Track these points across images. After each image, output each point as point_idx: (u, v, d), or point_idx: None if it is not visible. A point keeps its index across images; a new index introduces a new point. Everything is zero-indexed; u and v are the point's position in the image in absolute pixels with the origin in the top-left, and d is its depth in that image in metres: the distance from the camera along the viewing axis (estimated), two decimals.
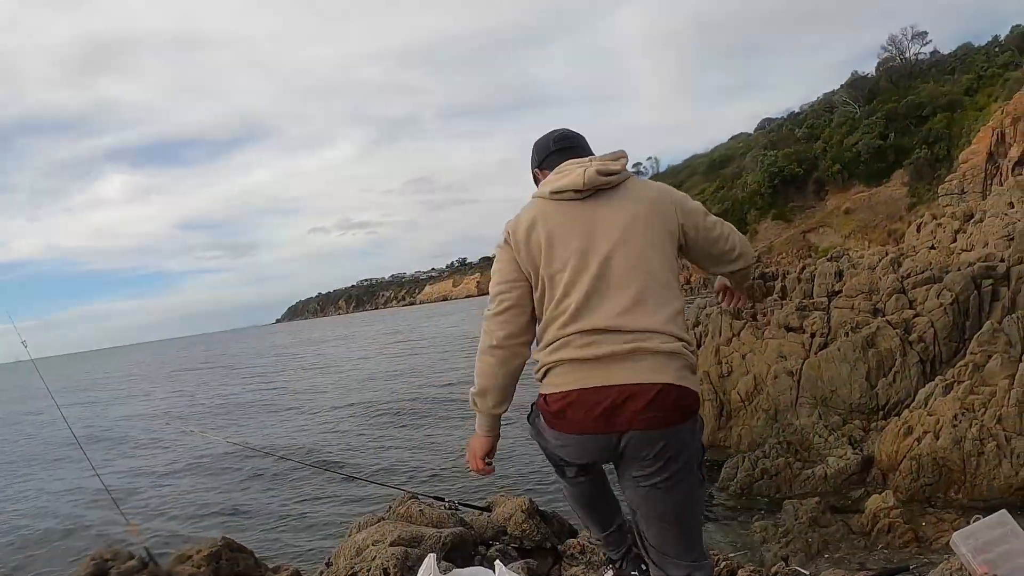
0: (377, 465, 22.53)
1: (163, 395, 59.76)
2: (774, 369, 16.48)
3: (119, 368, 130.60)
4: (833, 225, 67.20)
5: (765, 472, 13.75)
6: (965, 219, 24.21)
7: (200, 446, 27.80)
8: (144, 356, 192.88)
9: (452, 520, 6.30)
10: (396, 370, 50.92)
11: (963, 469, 11.59)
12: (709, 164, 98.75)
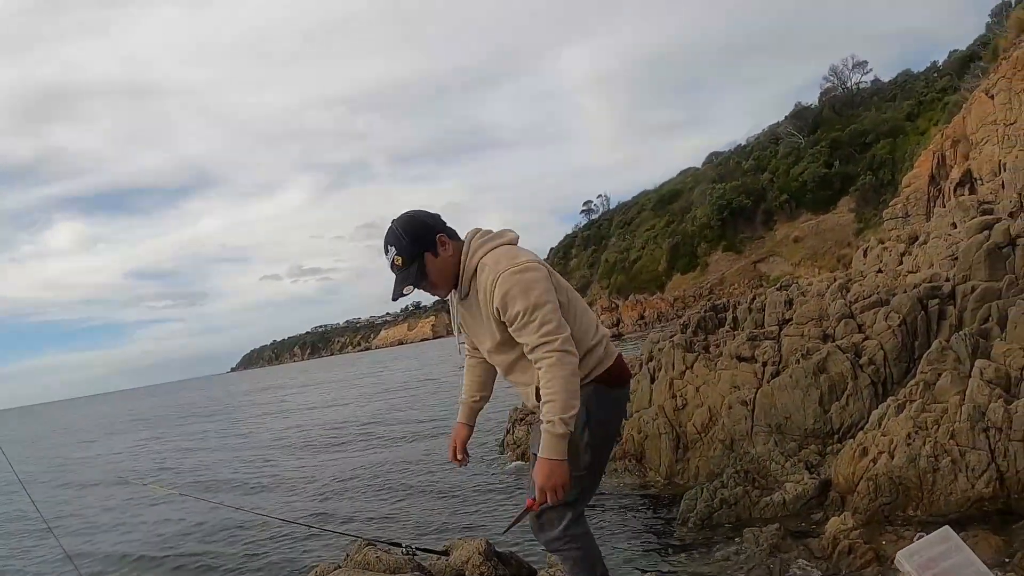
0: (336, 513, 22.40)
1: (116, 449, 59.22)
2: (728, 399, 16.55)
3: (74, 422, 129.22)
4: (783, 254, 68.03)
5: (724, 502, 13.77)
6: (910, 242, 24.44)
7: (154, 499, 27.52)
8: (100, 408, 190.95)
9: (409, 566, 6.30)
10: (357, 417, 50.80)
11: (920, 486, 11.67)
12: (658, 199, 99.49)
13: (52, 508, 29.82)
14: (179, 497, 23.48)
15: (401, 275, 3.55)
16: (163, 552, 21.49)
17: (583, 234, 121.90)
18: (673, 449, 17.23)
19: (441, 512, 19.70)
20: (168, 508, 26.37)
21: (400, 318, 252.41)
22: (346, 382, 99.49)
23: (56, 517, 27.56)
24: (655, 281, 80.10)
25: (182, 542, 22.10)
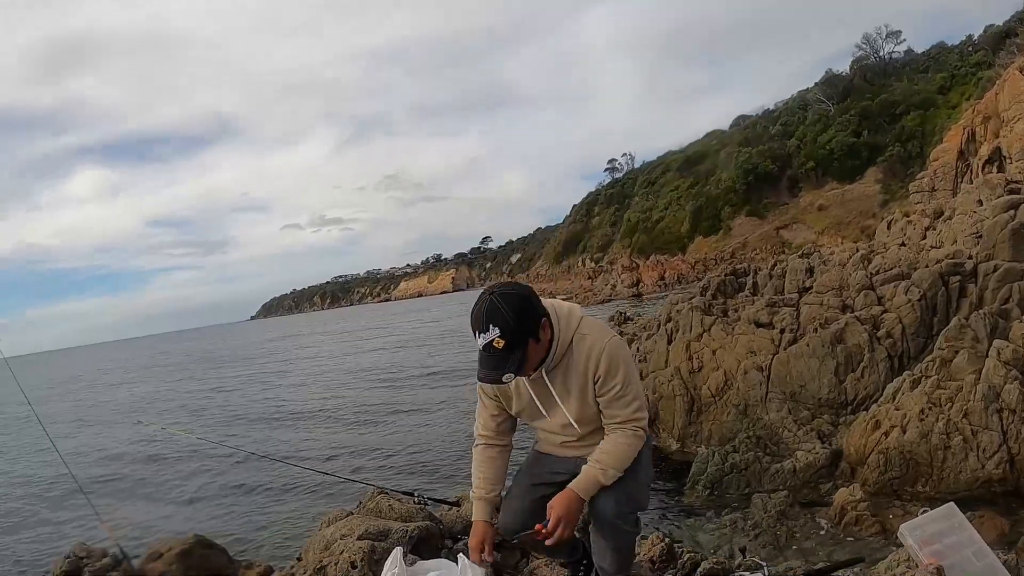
0: (349, 459, 22.55)
1: (135, 393, 59.49)
2: (744, 365, 16.56)
3: (94, 365, 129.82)
4: (806, 222, 67.58)
5: (735, 467, 13.82)
6: (935, 216, 24.30)
7: (173, 443, 27.73)
8: (118, 353, 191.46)
9: (420, 515, 6.36)
10: (375, 365, 50.88)
11: (930, 462, 11.70)
12: (684, 161, 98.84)
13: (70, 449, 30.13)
14: (196, 441, 23.76)
15: (497, 358, 3.31)
16: (177, 495, 21.71)
17: (606, 192, 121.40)
18: (687, 411, 17.26)
19: (454, 463, 19.81)
20: (183, 452, 26.59)
21: (420, 270, 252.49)
22: (366, 331, 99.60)
23: (73, 457, 27.83)
24: (677, 242, 79.64)
25: (196, 486, 22.31)
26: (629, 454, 3.45)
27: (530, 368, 3.51)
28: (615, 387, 3.46)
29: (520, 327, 3.28)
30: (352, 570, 5.17)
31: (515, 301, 3.33)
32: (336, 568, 5.24)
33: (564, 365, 3.58)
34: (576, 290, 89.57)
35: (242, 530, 17.35)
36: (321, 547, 5.86)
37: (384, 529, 5.86)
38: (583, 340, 3.55)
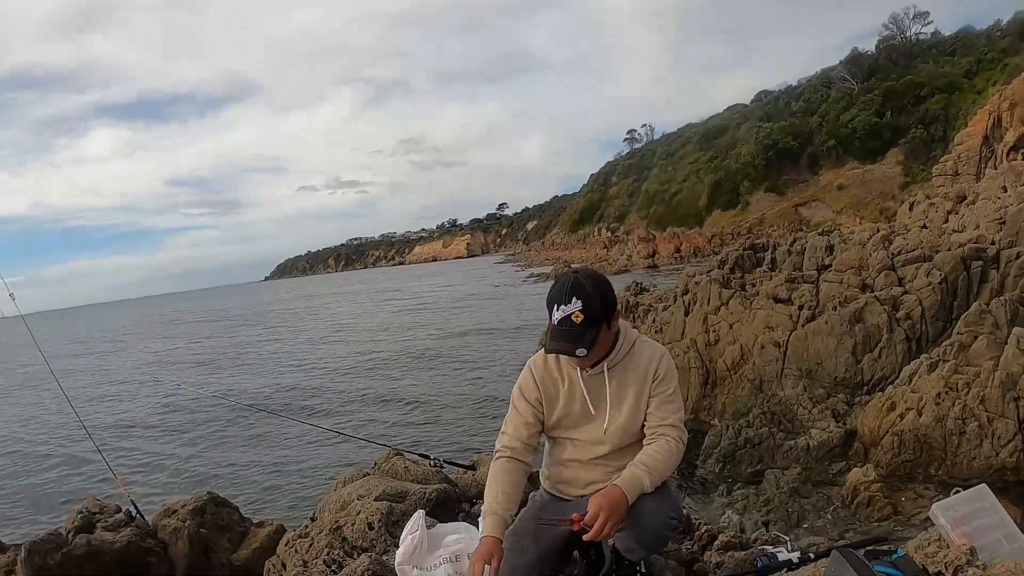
0: (365, 420, 22.63)
1: (152, 350, 59.80)
2: (761, 339, 16.53)
3: (111, 323, 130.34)
4: (826, 200, 67.19)
5: (748, 441, 13.83)
6: (958, 200, 24.22)
7: (190, 401, 27.88)
8: (134, 311, 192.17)
9: (437, 478, 6.32)
10: (391, 327, 50.99)
11: (944, 447, 11.67)
12: (704, 134, 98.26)
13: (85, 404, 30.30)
14: (211, 398, 23.83)
15: (574, 332, 3.26)
16: (191, 451, 21.85)
17: (625, 163, 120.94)
18: (702, 384, 17.26)
19: (469, 426, 19.86)
20: (199, 409, 26.71)
21: (435, 235, 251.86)
22: (381, 294, 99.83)
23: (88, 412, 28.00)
24: (694, 216, 79.37)
25: (212, 443, 22.45)
26: (672, 463, 3.37)
27: (593, 357, 3.43)
28: (669, 389, 3.41)
29: (601, 305, 3.27)
30: (369, 531, 5.14)
31: (600, 281, 3.36)
32: (352, 529, 5.21)
33: (624, 364, 3.54)
34: (591, 259, 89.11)
35: (255, 489, 17.46)
36: (337, 507, 5.83)
37: (401, 491, 5.82)
38: (645, 344, 3.54)
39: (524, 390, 3.59)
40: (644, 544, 3.58)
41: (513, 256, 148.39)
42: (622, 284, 34.05)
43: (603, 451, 3.54)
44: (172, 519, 7.15)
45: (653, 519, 3.40)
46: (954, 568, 2.77)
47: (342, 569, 4.60)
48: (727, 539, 4.56)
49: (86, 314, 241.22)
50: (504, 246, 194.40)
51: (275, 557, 5.47)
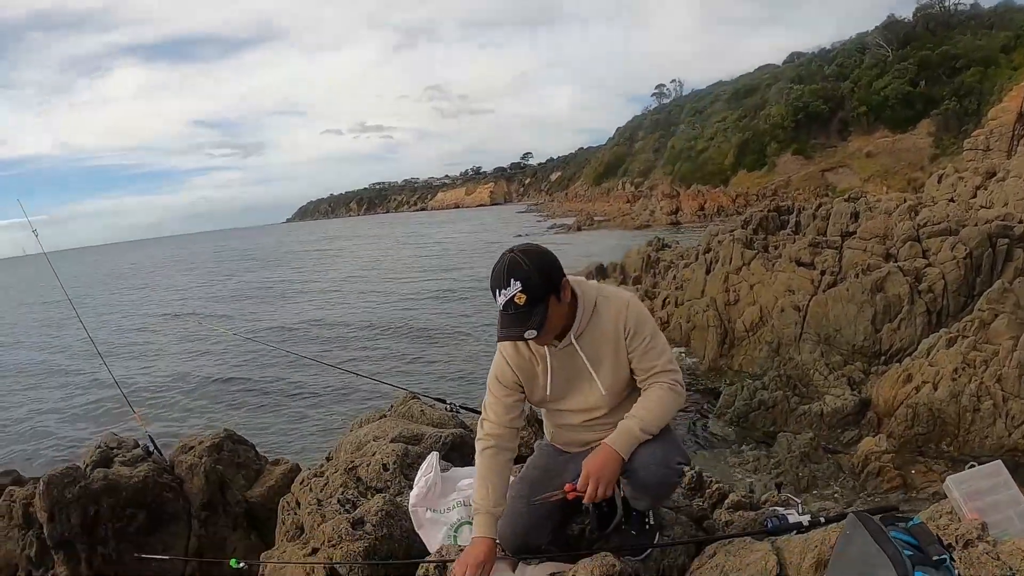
0: (383, 363, 22.73)
1: (174, 288, 60.11)
2: (781, 302, 16.50)
3: (133, 261, 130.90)
4: (853, 167, 66.70)
5: (763, 403, 13.82)
6: (987, 176, 24.03)
7: (209, 339, 28.13)
8: (157, 250, 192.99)
9: (452, 422, 6.31)
10: (414, 269, 51.11)
11: (957, 423, 11.63)
12: (733, 93, 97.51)
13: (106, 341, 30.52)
14: (233, 337, 23.98)
15: (518, 315, 3.15)
16: (212, 388, 22.01)
17: (652, 117, 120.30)
18: (719, 343, 17.26)
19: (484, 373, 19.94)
20: (223, 348, 26.88)
21: (458, 182, 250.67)
22: (405, 238, 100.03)
23: (109, 348, 28.23)
24: (720, 174, 78.83)
25: (233, 382, 22.61)
26: (668, 407, 3.26)
27: (550, 333, 3.31)
28: (646, 339, 3.32)
29: (542, 281, 3.12)
30: (384, 472, 5.14)
31: (535, 256, 3.17)
32: (367, 469, 5.20)
33: (592, 329, 3.42)
34: (614, 213, 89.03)
35: (273, 427, 17.60)
36: (353, 448, 5.83)
37: (417, 433, 5.82)
38: (607, 301, 3.39)
39: (500, 376, 3.54)
40: (649, 492, 3.53)
41: (536, 206, 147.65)
42: (645, 238, 34.00)
43: (598, 414, 3.48)
44: (189, 455, 7.19)
45: (655, 466, 3.36)
46: (964, 542, 2.73)
47: (356, 509, 4.59)
48: (737, 498, 4.54)
49: (108, 253, 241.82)
50: (527, 196, 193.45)
51: (289, 495, 5.48)
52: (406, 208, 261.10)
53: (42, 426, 19.84)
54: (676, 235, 47.06)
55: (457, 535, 4.07)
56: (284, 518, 5.30)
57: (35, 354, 32.66)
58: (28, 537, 6.53)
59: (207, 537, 6.79)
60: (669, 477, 3.43)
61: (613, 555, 3.47)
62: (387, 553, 4.19)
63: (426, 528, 4.21)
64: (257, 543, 6.84)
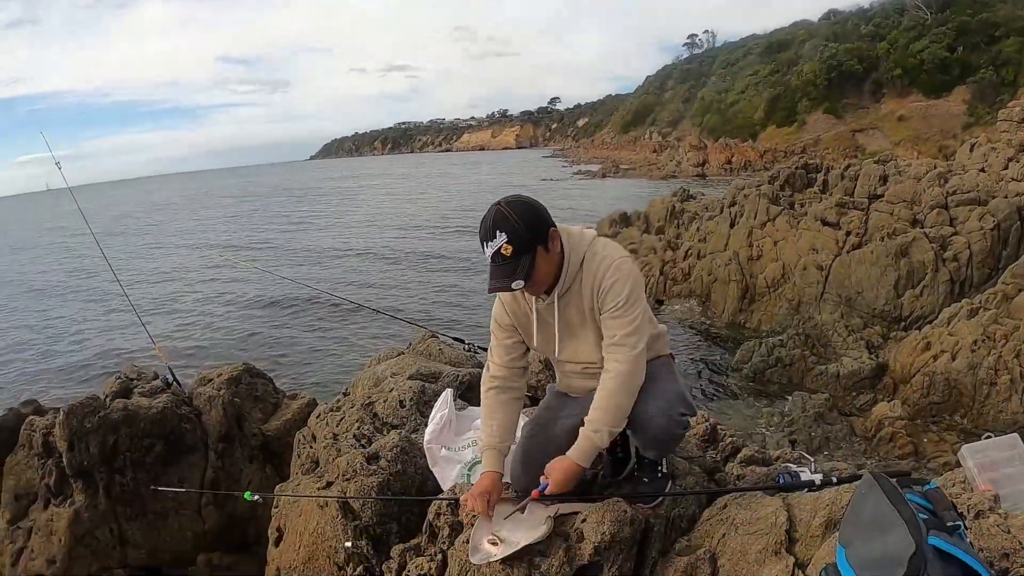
0: (402, 300, 22.82)
1: (199, 222, 60.25)
2: (804, 260, 16.45)
3: (157, 196, 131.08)
4: (884, 129, 65.97)
5: (780, 361, 13.83)
6: (1020, 149, 23.80)
7: (231, 274, 28.26)
8: (181, 184, 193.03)
9: (470, 362, 6.35)
10: (437, 211, 51.06)
11: (973, 395, 11.58)
12: (766, 47, 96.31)
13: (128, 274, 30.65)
14: (256, 271, 24.08)
15: (506, 266, 3.16)
16: (233, 322, 22.15)
17: (683, 67, 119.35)
18: (739, 298, 17.25)
19: None
20: (242, 282, 26.98)
21: (484, 124, 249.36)
22: (430, 178, 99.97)
23: (131, 280, 28.35)
24: (748, 129, 78.07)
25: (254, 316, 22.74)
26: (627, 389, 3.30)
27: (541, 284, 3.33)
28: (618, 304, 3.27)
29: (528, 232, 3.14)
30: (400, 409, 5.17)
31: (521, 208, 3.19)
32: (384, 405, 5.23)
33: (576, 287, 3.40)
34: (640, 162, 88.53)
35: (291, 361, 17.73)
36: (370, 383, 5.86)
37: (435, 371, 5.85)
38: (594, 259, 3.34)
39: (498, 319, 3.60)
40: (654, 443, 3.57)
41: (561, 151, 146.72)
42: (669, 189, 33.85)
43: (592, 368, 3.48)
44: (207, 387, 7.27)
45: (659, 418, 3.38)
46: (976, 512, 2.74)
47: (371, 444, 4.62)
48: (750, 453, 4.55)
49: (133, 187, 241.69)
50: (553, 141, 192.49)
51: (306, 429, 5.53)
52: (431, 149, 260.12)
53: (63, 358, 20.02)
54: (701, 187, 46.80)
55: (471, 474, 4.11)
56: (300, 451, 5.35)
57: (56, 287, 32.86)
58: (48, 466, 6.66)
59: (223, 469, 6.88)
60: (673, 428, 3.46)
61: (625, 501, 3.50)
62: (400, 489, 4.23)
63: (440, 466, 4.24)
64: (272, 476, 6.94)
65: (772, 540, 3.24)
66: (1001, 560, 2.49)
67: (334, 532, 4.02)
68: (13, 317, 26.28)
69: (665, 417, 3.38)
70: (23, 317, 26.17)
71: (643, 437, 3.54)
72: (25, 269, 39.92)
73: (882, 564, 1.99)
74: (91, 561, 6.51)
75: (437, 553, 3.52)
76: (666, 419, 3.39)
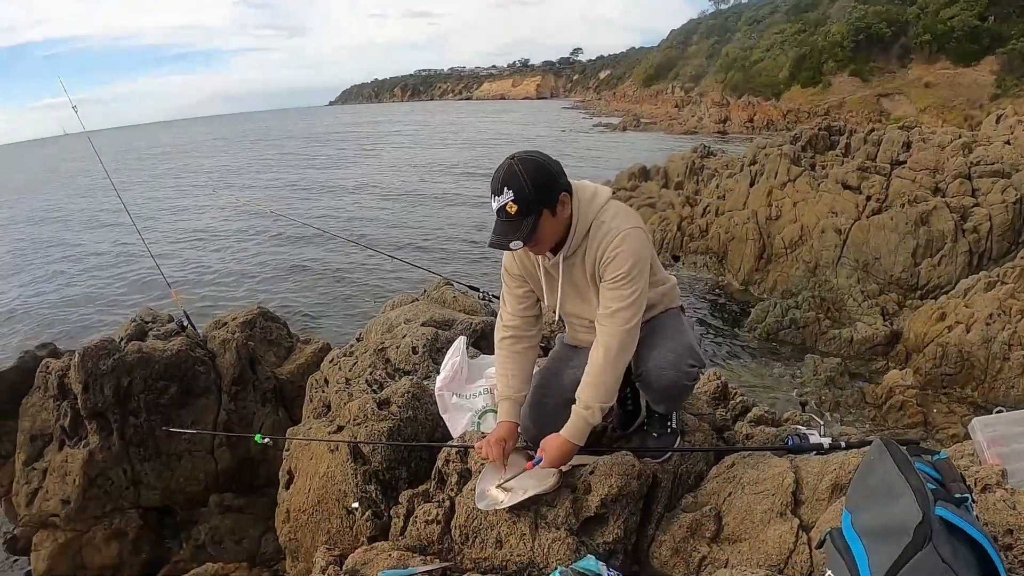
0: (418, 247, 22.83)
1: (215, 166, 60.20)
2: (823, 223, 16.38)
3: (173, 140, 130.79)
4: (910, 95, 65.33)
5: (794, 322, 13.85)
6: None
7: (248, 218, 28.27)
8: (198, 129, 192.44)
9: (484, 311, 6.36)
10: (457, 158, 50.88)
11: (985, 369, 11.55)
12: (795, 5, 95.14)
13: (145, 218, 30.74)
14: (270, 215, 24.10)
15: (510, 225, 3.11)
16: (245, 266, 22.21)
17: (708, 22, 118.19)
18: (756, 257, 17.21)
19: None
20: (257, 225, 27.03)
21: (505, 73, 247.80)
22: (450, 125, 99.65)
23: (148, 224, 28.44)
24: (772, 88, 77.35)
25: (269, 259, 22.81)
26: (611, 379, 3.28)
27: (543, 245, 3.28)
28: (617, 277, 3.22)
29: (536, 194, 3.08)
30: (413, 355, 5.19)
31: (533, 167, 3.12)
32: (397, 351, 5.25)
33: (581, 253, 3.35)
34: (661, 116, 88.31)
35: (306, 306, 17.79)
36: (383, 329, 5.88)
37: (448, 319, 5.87)
38: (600, 228, 3.28)
39: (508, 268, 3.59)
40: (664, 399, 3.60)
41: (582, 103, 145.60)
42: (689, 145, 33.70)
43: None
44: (222, 331, 7.32)
45: (667, 370, 3.39)
46: (983, 486, 2.75)
47: (383, 389, 4.65)
48: (760, 413, 4.57)
49: (150, 131, 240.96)
50: (574, 92, 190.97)
51: (318, 373, 5.56)
52: (450, 96, 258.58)
53: (79, 302, 20.17)
54: (722, 144, 46.57)
55: (481, 422, 4.13)
56: (312, 395, 5.39)
57: (74, 231, 32.97)
58: (63, 407, 6.77)
59: (236, 411, 6.96)
60: (682, 380, 3.47)
61: (633, 455, 3.52)
62: (411, 435, 4.26)
63: (451, 413, 4.26)
64: (285, 419, 7.01)
65: (778, 501, 3.26)
66: (1005, 536, 2.49)
67: (344, 476, 4.05)
68: (30, 262, 26.45)
69: (674, 369, 3.39)
70: (39, 261, 26.38)
71: (652, 391, 3.55)
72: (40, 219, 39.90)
73: (888, 532, 2.00)
74: (105, 502, 6.64)
75: (445, 500, 3.54)
76: (675, 371, 3.39)
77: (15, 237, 32.24)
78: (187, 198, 40.39)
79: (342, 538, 4.03)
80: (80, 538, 6.64)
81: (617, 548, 3.37)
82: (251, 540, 6.66)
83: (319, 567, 3.37)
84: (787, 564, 3.05)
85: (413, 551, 3.38)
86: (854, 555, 2.09)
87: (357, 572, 3.23)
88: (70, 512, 6.55)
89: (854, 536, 2.14)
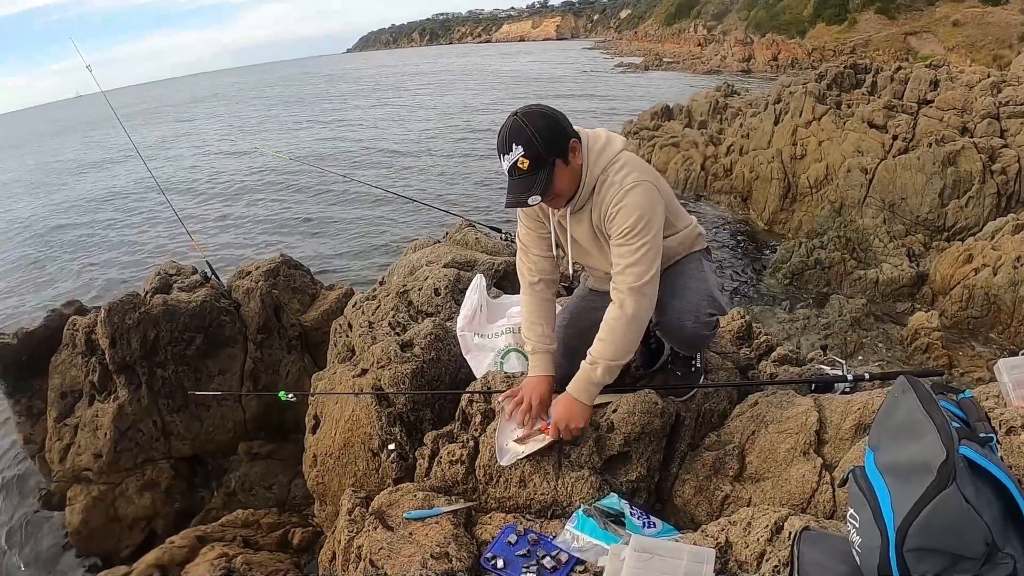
0: (440, 192, 22.77)
1: (234, 115, 60.16)
2: (848, 163, 16.22)
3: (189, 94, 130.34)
4: (938, 34, 64.47)
5: (819, 263, 13.76)
6: None
7: (268, 166, 28.26)
8: (213, 82, 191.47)
9: (506, 251, 6.35)
10: (477, 101, 50.63)
11: (1012, 312, 11.43)
12: None
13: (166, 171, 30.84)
14: (290, 162, 24.09)
15: (524, 181, 3.10)
16: (267, 214, 22.26)
17: None
18: (781, 197, 17.11)
19: None
20: (278, 172, 27.04)
21: (524, 15, 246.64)
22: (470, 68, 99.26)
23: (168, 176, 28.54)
24: (797, 25, 76.43)
25: (291, 205, 22.86)
26: (629, 336, 3.24)
27: (561, 197, 3.28)
28: (624, 232, 3.18)
29: (545, 145, 3.07)
30: (435, 297, 5.20)
31: (538, 119, 3.11)
32: (419, 294, 5.26)
33: (587, 210, 3.35)
34: (683, 55, 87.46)
35: (328, 252, 17.85)
36: (406, 272, 5.88)
37: (470, 260, 5.86)
38: (606, 181, 3.25)
39: (524, 210, 3.54)
40: (681, 343, 3.61)
41: (603, 43, 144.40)
42: (713, 83, 33.42)
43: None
44: (246, 280, 7.38)
45: (686, 318, 3.38)
46: (1007, 428, 2.73)
47: (406, 332, 4.66)
48: (784, 352, 4.56)
49: (166, 87, 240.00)
50: (594, 33, 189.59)
51: (342, 318, 5.58)
52: (470, 40, 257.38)
53: (101, 255, 20.19)
54: (746, 83, 46.15)
55: (504, 362, 4.13)
56: (336, 340, 5.42)
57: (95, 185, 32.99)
58: (91, 363, 6.90)
59: (262, 359, 7.05)
60: (700, 330, 3.49)
61: (656, 393, 3.53)
62: (434, 376, 4.27)
63: (473, 353, 4.26)
64: (311, 365, 7.10)
65: (802, 440, 3.27)
66: None
67: (369, 419, 4.08)
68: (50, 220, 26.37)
69: (693, 318, 3.40)
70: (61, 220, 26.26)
71: (672, 339, 3.59)
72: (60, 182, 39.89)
73: (911, 470, 1.99)
74: (136, 453, 6.79)
75: (469, 440, 3.57)
76: (693, 320, 3.40)
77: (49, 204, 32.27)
78: (207, 147, 40.50)
79: (368, 480, 4.08)
80: (113, 490, 6.79)
81: (640, 487, 3.39)
82: (280, 486, 6.77)
83: (346, 509, 3.39)
84: (810, 503, 3.06)
85: (438, 491, 3.41)
86: (876, 493, 2.08)
87: (383, 513, 3.25)
88: (102, 465, 6.68)
89: (877, 474, 2.13)
